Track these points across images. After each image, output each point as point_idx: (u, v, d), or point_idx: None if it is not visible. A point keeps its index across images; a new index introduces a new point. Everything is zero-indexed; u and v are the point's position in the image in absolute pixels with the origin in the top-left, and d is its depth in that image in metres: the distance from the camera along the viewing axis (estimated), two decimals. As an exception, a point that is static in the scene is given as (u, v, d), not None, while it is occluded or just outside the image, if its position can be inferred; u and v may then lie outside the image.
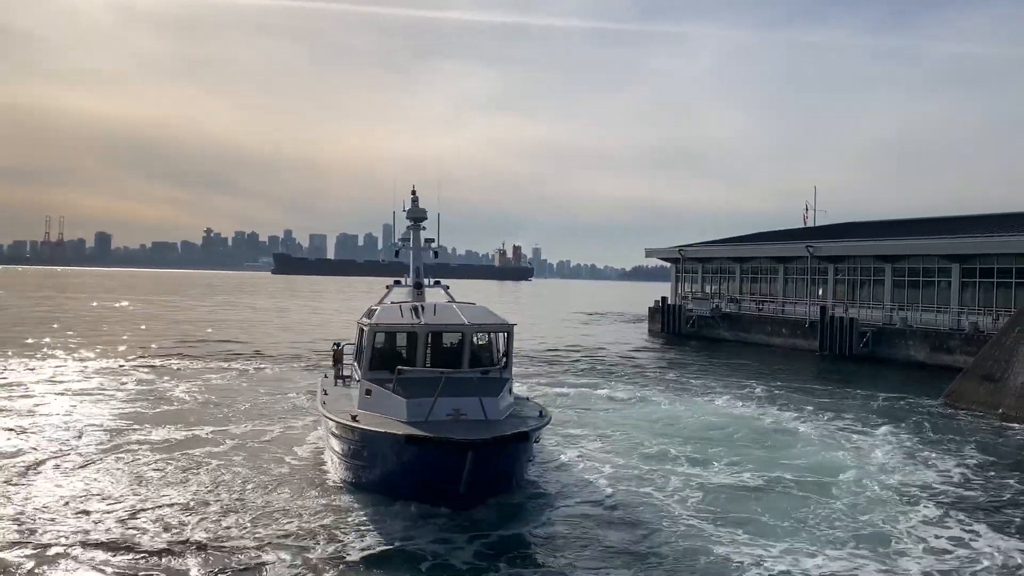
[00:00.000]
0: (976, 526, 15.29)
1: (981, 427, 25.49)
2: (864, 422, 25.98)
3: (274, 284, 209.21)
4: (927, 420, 26.66)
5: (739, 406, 28.85)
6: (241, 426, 23.23)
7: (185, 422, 23.55)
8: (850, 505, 16.38)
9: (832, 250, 55.14)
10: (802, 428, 24.76)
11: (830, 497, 16.95)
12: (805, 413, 27.53)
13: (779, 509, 16.01)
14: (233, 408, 26.27)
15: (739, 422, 25.45)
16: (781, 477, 18.45)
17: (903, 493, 17.42)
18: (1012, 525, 15.47)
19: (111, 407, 25.88)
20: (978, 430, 25.01)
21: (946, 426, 25.61)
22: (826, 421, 26.07)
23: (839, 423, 25.77)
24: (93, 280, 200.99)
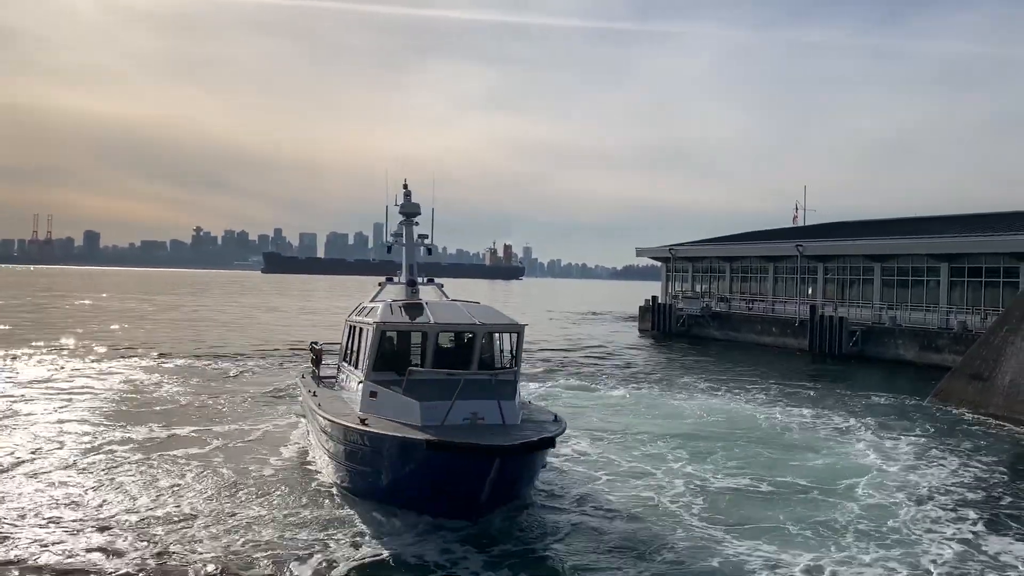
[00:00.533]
0: (968, 524, 15.34)
1: (970, 426, 25.59)
2: (855, 422, 26.04)
3: (264, 283, 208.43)
4: (917, 419, 26.75)
5: (731, 405, 28.90)
6: (223, 426, 22.94)
7: (164, 422, 23.22)
8: (847, 505, 16.43)
9: (822, 249, 55.31)
10: (794, 428, 24.83)
11: (829, 498, 16.99)
12: (796, 413, 27.58)
13: (778, 510, 16.02)
14: (213, 408, 25.95)
15: (732, 422, 25.50)
16: (777, 478, 18.47)
17: (896, 493, 17.46)
18: (1003, 522, 15.53)
19: (86, 408, 25.52)
20: (967, 429, 25.10)
21: (935, 425, 25.69)
22: (817, 421, 26.13)
23: (830, 423, 25.83)
24: (66, 280, 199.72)
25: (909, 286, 49.14)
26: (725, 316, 61.07)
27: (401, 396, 14.73)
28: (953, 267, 46.31)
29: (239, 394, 28.94)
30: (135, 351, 41.85)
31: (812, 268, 56.30)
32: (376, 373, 15.96)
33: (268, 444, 20.91)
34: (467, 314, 17.08)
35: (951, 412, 27.99)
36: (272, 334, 55.98)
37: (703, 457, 20.27)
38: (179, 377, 32.85)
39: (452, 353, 17.01)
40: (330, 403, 17.30)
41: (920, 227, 55.55)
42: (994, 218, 53.11)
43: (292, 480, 17.45)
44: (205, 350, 43.46)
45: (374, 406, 15.31)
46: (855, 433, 24.11)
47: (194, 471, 17.93)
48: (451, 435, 13.17)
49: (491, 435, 13.33)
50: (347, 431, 14.96)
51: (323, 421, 16.37)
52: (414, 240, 21.31)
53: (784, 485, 17.88)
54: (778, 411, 27.79)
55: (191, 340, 49.29)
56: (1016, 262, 42.69)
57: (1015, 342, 28.37)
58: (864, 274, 52.49)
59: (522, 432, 13.85)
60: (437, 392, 14.54)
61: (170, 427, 22.59)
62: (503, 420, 14.33)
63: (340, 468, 15.97)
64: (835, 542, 14.15)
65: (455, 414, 14.04)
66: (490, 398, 14.54)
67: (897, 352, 45.94)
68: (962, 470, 19.74)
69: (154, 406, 26.11)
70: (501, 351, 17.45)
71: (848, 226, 66.76)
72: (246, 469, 18.19)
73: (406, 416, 14.37)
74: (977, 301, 44.74)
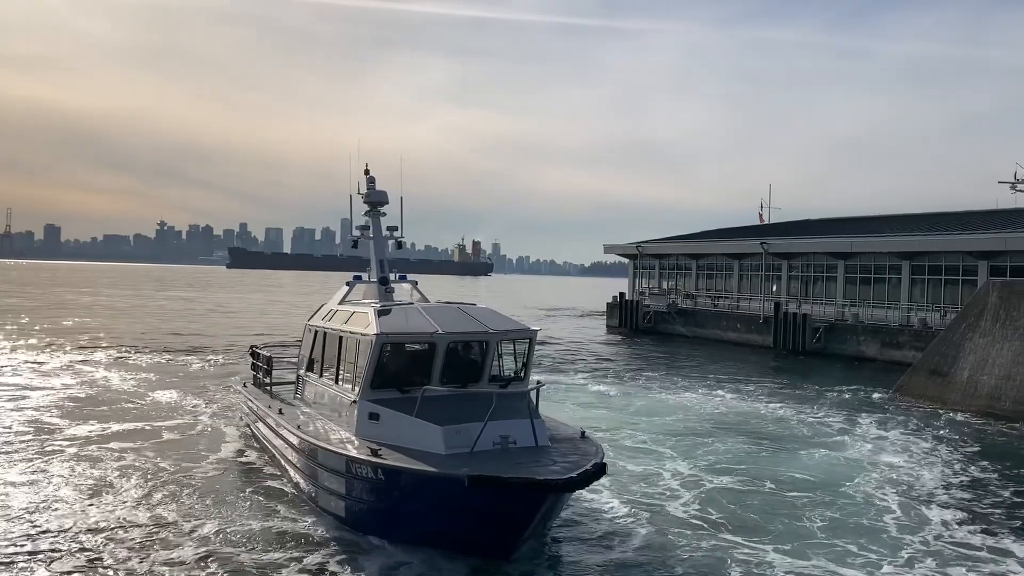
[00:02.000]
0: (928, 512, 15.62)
1: (929, 419, 26.03)
2: (818, 416, 26.49)
3: (229, 279, 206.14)
4: (880, 413, 27.18)
5: (697, 401, 29.16)
6: (171, 431, 21.62)
7: (107, 420, 22.39)
8: (812, 498, 16.65)
9: (786, 247, 55.93)
10: (760, 422, 25.13)
11: (800, 492, 17.22)
12: (763, 408, 27.91)
13: (774, 508, 16.17)
14: (160, 407, 24.89)
15: (699, 416, 25.74)
16: (765, 475, 18.59)
17: (865, 485, 17.73)
18: (959, 509, 15.83)
19: (26, 404, 24.95)
20: (928, 423, 25.54)
21: (896, 419, 26.12)
22: (783, 416, 26.48)
23: (794, 418, 26.18)
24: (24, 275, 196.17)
25: (871, 283, 49.88)
26: (691, 312, 61.54)
27: (414, 419, 12.84)
28: (914, 265, 47.08)
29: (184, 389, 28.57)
30: (84, 346, 41.19)
31: (777, 265, 56.91)
32: (375, 391, 13.84)
33: (209, 451, 19.51)
34: (474, 320, 15.01)
35: (912, 406, 28.47)
36: (230, 329, 55.37)
37: (687, 453, 20.37)
38: (130, 372, 32.37)
39: (458, 366, 14.62)
40: (310, 425, 15.34)
41: (883, 226, 56.38)
42: (955, 217, 54.10)
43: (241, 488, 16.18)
44: (162, 344, 42.87)
45: (375, 430, 13.37)
46: (824, 427, 24.48)
47: (132, 472, 17.11)
48: (489, 465, 11.53)
49: (535, 463, 11.84)
50: (352, 463, 12.86)
51: (309, 447, 14.37)
52: (382, 233, 18.99)
53: (774, 482, 18.01)
54: (746, 406, 28.15)
55: (145, 333, 48.59)
56: (975, 261, 43.51)
57: (973, 339, 28.93)
58: (827, 271, 53.17)
59: (568, 458, 12.24)
60: (457, 413, 12.86)
61: (113, 429, 21.59)
62: (536, 442, 12.83)
63: (334, 500, 13.91)
64: (815, 539, 14.33)
65: (485, 438, 12.34)
66: (522, 417, 13.03)
67: (859, 348, 46.63)
68: (925, 462, 20.08)
69: (97, 404, 25.45)
70: (501, 361, 15.44)
71: (812, 224, 67.56)
72: (184, 475, 17.04)
73: (422, 442, 12.57)
74: (937, 299, 45.53)
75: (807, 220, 72.17)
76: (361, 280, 18.91)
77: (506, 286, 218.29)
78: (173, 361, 36.99)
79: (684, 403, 28.55)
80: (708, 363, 42.58)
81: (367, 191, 18.93)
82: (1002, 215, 51.75)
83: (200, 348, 42.35)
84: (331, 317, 16.84)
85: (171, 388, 28.74)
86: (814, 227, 63.93)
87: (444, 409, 13.03)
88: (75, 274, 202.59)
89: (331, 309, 17.38)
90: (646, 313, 63.98)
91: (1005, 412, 26.17)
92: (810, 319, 49.39)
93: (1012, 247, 41.70)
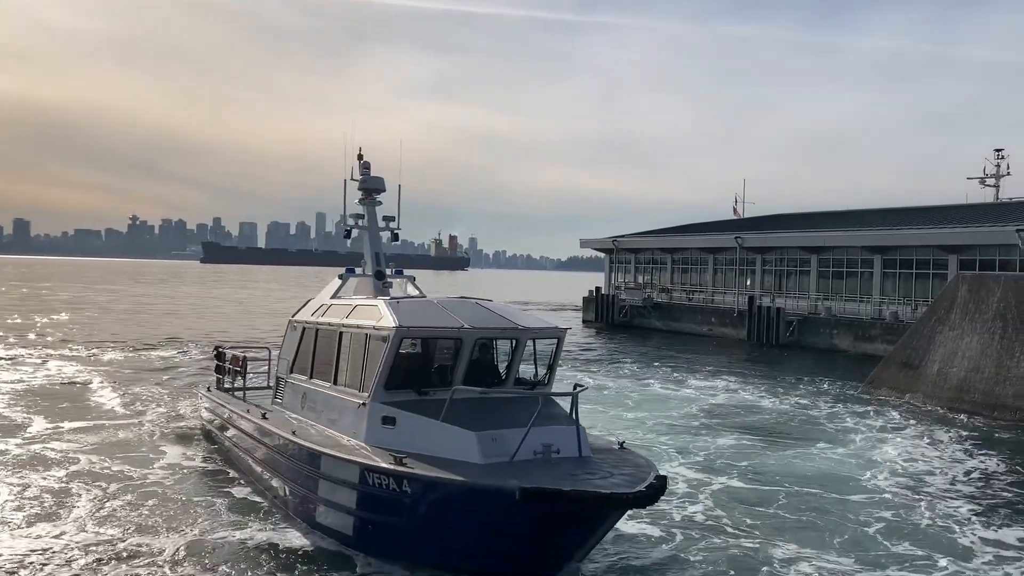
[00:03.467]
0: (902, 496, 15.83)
1: (901, 411, 26.36)
2: (794, 408, 26.80)
3: (203, 274, 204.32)
4: (851, 405, 27.51)
5: (672, 394, 29.32)
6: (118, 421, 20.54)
7: (54, 421, 21.10)
8: (790, 491, 16.81)
9: (760, 241, 56.37)
10: (740, 415, 25.33)
11: (779, 486, 17.37)
12: (739, 400, 28.16)
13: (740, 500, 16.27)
14: (111, 413, 22.82)
15: (677, 409, 25.87)
16: (757, 469, 18.67)
17: (830, 478, 17.94)
18: (937, 494, 16.05)
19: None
20: (900, 414, 25.88)
21: (868, 411, 26.45)
22: (760, 407, 26.74)
23: (771, 410, 26.45)
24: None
25: (844, 277, 50.41)
26: (666, 307, 61.86)
27: (441, 424, 11.38)
28: (886, 259, 47.62)
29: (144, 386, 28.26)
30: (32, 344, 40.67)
31: (751, 260, 57.33)
32: (389, 393, 12.38)
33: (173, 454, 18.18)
34: (499, 316, 13.62)
35: (884, 398, 28.82)
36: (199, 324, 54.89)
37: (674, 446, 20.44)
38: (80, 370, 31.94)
39: (479, 366, 13.32)
40: (306, 430, 13.69)
41: (855, 220, 56.98)
42: (924, 211, 54.78)
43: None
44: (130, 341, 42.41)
45: (390, 436, 11.89)
46: (800, 418, 24.75)
47: (80, 487, 15.46)
48: (537, 477, 10.28)
49: (589, 475, 10.64)
50: (369, 473, 11.30)
51: (308, 455, 12.72)
52: (378, 223, 17.56)
53: (755, 473, 18.15)
54: (722, 398, 28.38)
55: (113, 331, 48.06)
56: (945, 254, 44.09)
57: (943, 332, 29.30)
58: (801, 266, 53.64)
59: (622, 471, 11.02)
60: (491, 417, 11.62)
61: (58, 426, 20.48)
62: (580, 452, 11.56)
63: (338, 516, 12.32)
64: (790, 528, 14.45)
65: (527, 446, 11.00)
66: (566, 423, 11.78)
67: (832, 341, 47.12)
68: (899, 454, 20.34)
69: (38, 406, 24.10)
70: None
71: (786, 219, 68.13)
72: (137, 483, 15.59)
73: (452, 450, 11.15)
74: (908, 292, 46.11)
75: (781, 215, 72.77)
76: (354, 274, 17.33)
77: (483, 280, 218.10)
78: (127, 361, 35.37)
79: (659, 395, 28.71)
80: (683, 356, 42.81)
81: (362, 177, 17.42)
82: (971, 209, 52.51)
83: (162, 346, 41.90)
84: (325, 312, 15.33)
85: (125, 390, 26.62)
86: (788, 222, 64.49)
87: (476, 413, 11.67)
88: (39, 270, 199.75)
89: (323, 304, 15.91)
90: (622, 307, 64.25)
91: (974, 403, 26.55)
92: (784, 313, 49.86)
93: (981, 241, 42.32)
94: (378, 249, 17.39)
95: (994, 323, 27.62)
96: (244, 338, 41.21)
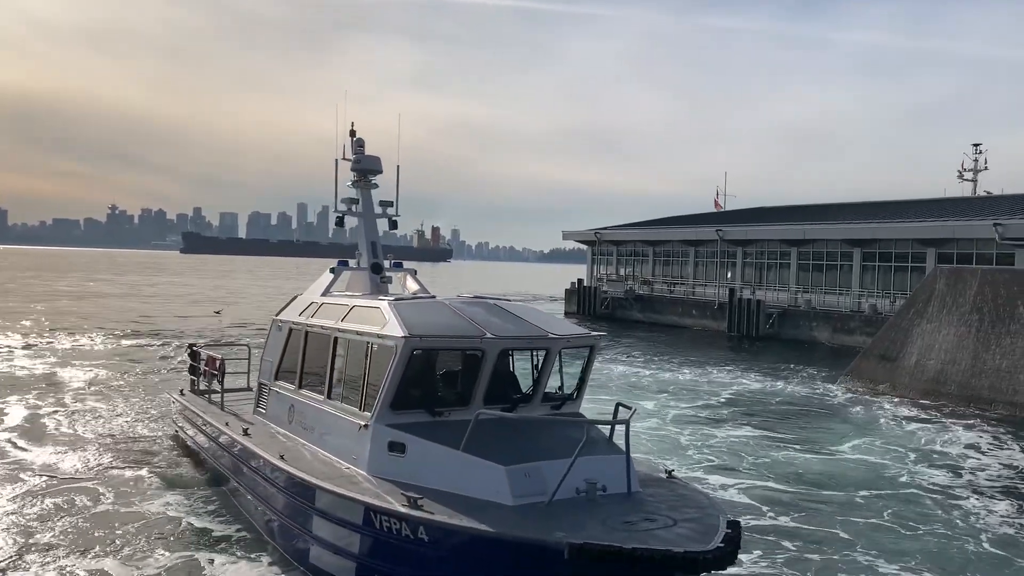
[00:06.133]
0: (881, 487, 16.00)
1: (878, 402, 26.63)
2: (772, 399, 27.01)
3: (183, 264, 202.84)
4: (833, 395, 27.78)
5: (654, 380, 29.46)
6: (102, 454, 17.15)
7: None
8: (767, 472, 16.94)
9: (741, 234, 56.63)
10: (719, 407, 25.47)
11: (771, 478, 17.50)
12: (719, 391, 28.33)
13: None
14: (77, 417, 20.81)
15: (658, 390, 26.01)
16: (750, 462, 18.84)
17: (806, 468, 18.09)
18: (916, 483, 16.23)
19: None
20: (879, 404, 26.14)
21: (847, 400, 26.70)
22: (737, 399, 26.92)
23: (751, 400, 26.62)
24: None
25: (824, 270, 50.76)
26: (648, 299, 62.07)
27: (462, 455, 9.44)
28: (865, 252, 47.99)
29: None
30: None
31: (731, 252, 57.60)
32: (396, 413, 10.43)
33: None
34: (525, 321, 11.63)
35: (863, 389, 29.09)
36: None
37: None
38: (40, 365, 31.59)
39: (500, 381, 11.43)
40: (296, 452, 11.72)
41: (835, 213, 57.34)
42: (904, 205, 55.24)
43: None
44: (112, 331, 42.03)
45: (397, 467, 10.04)
46: (773, 410, 24.93)
47: (35, 506, 13.72)
48: (584, 525, 8.27)
49: (648, 522, 8.50)
50: (375, 514, 9.29)
51: (299, 486, 10.76)
52: (374, 209, 15.63)
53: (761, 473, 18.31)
54: (713, 377, 28.54)
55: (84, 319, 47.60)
56: (923, 248, 44.48)
57: (921, 325, 29.58)
58: (781, 258, 53.96)
59: (684, 514, 8.84)
60: (522, 446, 9.67)
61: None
62: (629, 488, 9.45)
63: (335, 559, 10.35)
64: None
65: (569, 482, 8.84)
66: (614, 453, 9.83)
67: (811, 334, 47.47)
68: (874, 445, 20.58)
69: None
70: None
71: (767, 212, 68.47)
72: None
73: (475, 487, 9.23)
74: (887, 285, 46.50)
75: (761, 208, 73.11)
76: (347, 266, 15.36)
77: (466, 272, 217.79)
78: (96, 354, 34.48)
79: (641, 381, 28.84)
80: (664, 347, 43.00)
81: (355, 157, 15.43)
82: (950, 204, 53.00)
83: (137, 340, 41.56)
84: (316, 312, 13.38)
85: (94, 388, 25.13)
86: (768, 215, 64.81)
87: (502, 440, 9.72)
88: (15, 259, 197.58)
89: (312, 301, 13.91)
90: (604, 299, 64.43)
91: (950, 395, 26.85)
92: (764, 305, 50.16)
93: (959, 235, 42.71)
94: (374, 238, 15.48)
95: (971, 316, 27.93)
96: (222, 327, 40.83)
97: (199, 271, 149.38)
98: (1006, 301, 27.15)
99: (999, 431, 22.63)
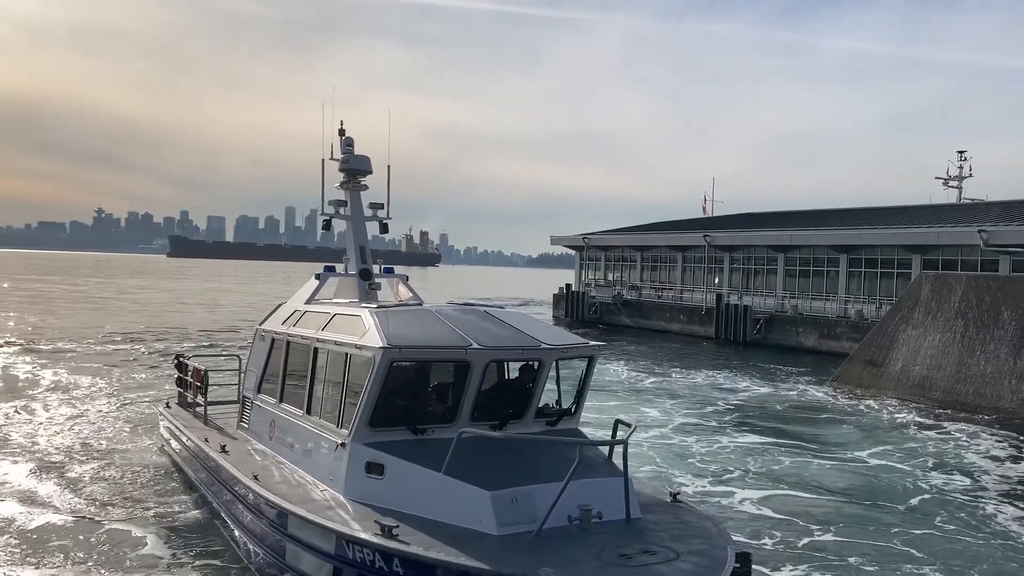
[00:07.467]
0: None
1: (864, 407, 26.77)
2: (760, 404, 27.09)
3: (169, 268, 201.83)
4: (821, 401, 27.90)
5: (638, 380, 29.51)
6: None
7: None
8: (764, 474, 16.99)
9: (728, 240, 56.82)
10: (709, 414, 25.54)
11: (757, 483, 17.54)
12: (708, 396, 28.40)
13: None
14: (61, 430, 19.98)
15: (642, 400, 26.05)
16: (749, 470, 18.87)
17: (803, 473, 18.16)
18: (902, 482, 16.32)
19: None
20: (865, 410, 26.28)
21: (833, 406, 26.83)
22: (726, 405, 27.00)
23: (735, 406, 26.72)
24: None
25: (810, 276, 50.98)
26: (635, 304, 62.16)
27: (443, 478, 8.74)
28: (851, 258, 48.24)
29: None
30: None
31: (719, 258, 57.79)
32: (375, 431, 9.70)
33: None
34: (516, 330, 10.82)
35: (849, 394, 29.24)
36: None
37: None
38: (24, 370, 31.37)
39: (491, 395, 10.70)
40: (271, 472, 11.12)
41: (822, 219, 57.61)
42: (890, 211, 55.60)
43: None
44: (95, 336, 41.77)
45: (375, 490, 9.34)
46: (761, 411, 25.02)
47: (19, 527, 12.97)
48: (576, 560, 7.62)
49: (649, 557, 7.76)
50: (347, 543, 8.62)
51: (273, 509, 10.07)
52: (363, 212, 14.85)
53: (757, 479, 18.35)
54: (701, 382, 28.59)
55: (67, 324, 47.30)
56: (909, 254, 44.75)
57: (906, 330, 29.77)
58: (768, 264, 54.17)
59: (689, 546, 8.18)
60: (508, 468, 8.97)
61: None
62: (628, 515, 8.70)
63: None
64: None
65: (560, 509, 8.11)
66: (611, 476, 9.12)
67: (798, 339, 47.62)
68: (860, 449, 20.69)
69: None
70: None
71: (754, 217, 68.74)
72: None
73: (457, 514, 8.53)
74: (873, 291, 46.73)
75: (749, 214, 73.41)
76: (334, 272, 14.65)
77: (454, 277, 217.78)
78: (88, 358, 33.97)
79: (628, 388, 28.89)
80: (651, 353, 43.10)
81: (344, 156, 14.61)
82: (935, 210, 53.41)
83: (125, 347, 41.31)
84: (298, 320, 12.68)
85: (82, 396, 24.55)
86: (756, 221, 65.06)
87: (488, 462, 8.98)
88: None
89: (296, 310, 13.27)
90: (592, 304, 64.48)
91: (936, 400, 27.01)
92: (751, 311, 50.33)
93: (944, 241, 43.00)
94: (363, 243, 14.65)
95: (955, 322, 28.12)
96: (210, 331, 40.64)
97: (184, 277, 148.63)
98: (990, 307, 27.35)
99: (989, 431, 22.80)
